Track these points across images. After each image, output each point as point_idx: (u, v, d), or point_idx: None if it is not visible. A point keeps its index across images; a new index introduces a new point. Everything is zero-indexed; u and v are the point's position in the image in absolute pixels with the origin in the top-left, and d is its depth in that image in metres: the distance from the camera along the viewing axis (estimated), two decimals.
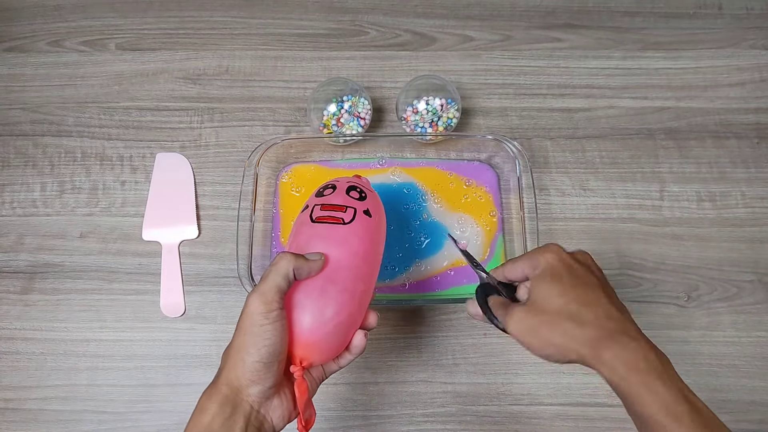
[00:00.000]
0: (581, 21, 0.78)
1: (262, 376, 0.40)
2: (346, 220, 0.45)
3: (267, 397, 0.41)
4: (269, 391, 0.40)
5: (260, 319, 0.39)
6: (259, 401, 0.40)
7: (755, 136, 0.73)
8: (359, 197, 0.48)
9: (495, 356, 0.64)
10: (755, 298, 0.66)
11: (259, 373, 0.39)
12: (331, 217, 0.45)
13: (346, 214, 0.46)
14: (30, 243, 0.68)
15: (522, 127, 0.73)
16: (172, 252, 0.68)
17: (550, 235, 0.68)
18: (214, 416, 0.39)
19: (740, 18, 0.78)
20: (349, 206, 0.46)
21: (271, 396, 0.41)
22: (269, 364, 0.40)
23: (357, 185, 0.50)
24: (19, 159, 0.72)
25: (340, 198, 0.47)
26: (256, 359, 0.39)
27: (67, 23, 0.78)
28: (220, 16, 0.79)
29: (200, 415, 0.39)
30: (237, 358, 0.40)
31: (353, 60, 0.76)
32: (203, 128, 0.73)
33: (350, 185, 0.49)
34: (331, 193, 0.48)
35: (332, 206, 0.46)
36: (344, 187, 0.49)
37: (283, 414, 0.41)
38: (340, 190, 0.48)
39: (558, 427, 0.62)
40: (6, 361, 0.64)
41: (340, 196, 0.48)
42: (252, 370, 0.39)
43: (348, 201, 0.47)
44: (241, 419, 0.39)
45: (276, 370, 0.40)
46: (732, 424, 0.61)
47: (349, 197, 0.47)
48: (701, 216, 0.69)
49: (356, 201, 0.47)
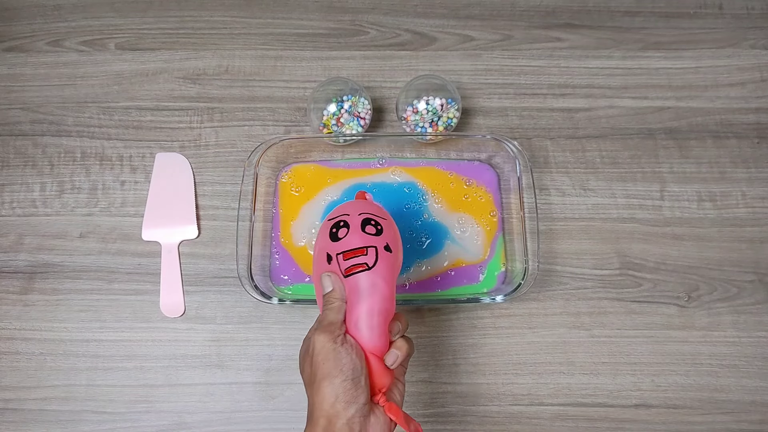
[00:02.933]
0: (581, 21, 0.78)
1: (354, 394, 0.41)
2: (371, 264, 0.44)
3: (364, 416, 0.42)
4: (364, 408, 0.42)
5: (331, 345, 0.42)
6: (358, 422, 0.41)
7: (755, 136, 0.72)
8: (376, 232, 0.45)
9: (495, 356, 0.64)
10: (756, 298, 0.66)
11: (351, 391, 0.41)
12: (356, 265, 0.44)
13: (368, 257, 0.44)
14: (30, 243, 0.68)
15: (522, 127, 0.73)
16: (172, 252, 0.68)
17: (550, 235, 0.68)
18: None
19: (740, 18, 0.78)
20: (369, 246, 0.44)
21: (367, 414, 0.42)
22: (356, 380, 0.42)
23: (370, 217, 0.46)
24: (18, 159, 0.72)
25: (357, 239, 0.45)
26: (343, 379, 0.41)
27: (66, 23, 0.78)
28: (220, 16, 0.78)
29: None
30: (325, 385, 0.42)
31: (353, 60, 0.76)
32: (203, 128, 0.73)
33: (363, 219, 0.46)
34: (347, 234, 0.45)
35: (353, 252, 0.44)
36: (358, 224, 0.45)
37: (383, 430, 0.43)
38: (354, 227, 0.45)
39: (558, 427, 0.62)
40: (6, 361, 0.64)
41: (357, 235, 0.45)
42: (343, 390, 0.41)
43: (366, 240, 0.44)
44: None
45: (363, 386, 0.42)
46: (732, 424, 0.62)
47: (366, 234, 0.44)
48: (701, 216, 0.69)
49: (374, 237, 0.45)
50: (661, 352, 0.64)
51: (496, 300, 0.61)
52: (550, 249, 0.67)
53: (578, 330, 0.65)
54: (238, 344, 0.64)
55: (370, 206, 0.48)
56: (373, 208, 0.48)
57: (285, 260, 0.66)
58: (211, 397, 0.63)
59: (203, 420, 0.62)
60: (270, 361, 0.64)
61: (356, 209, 0.47)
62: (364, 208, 0.47)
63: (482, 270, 0.66)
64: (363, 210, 0.47)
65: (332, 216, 0.48)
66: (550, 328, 0.65)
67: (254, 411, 0.62)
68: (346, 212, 0.47)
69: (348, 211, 0.47)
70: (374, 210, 0.48)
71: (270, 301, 0.61)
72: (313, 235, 0.66)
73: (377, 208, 0.49)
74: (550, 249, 0.67)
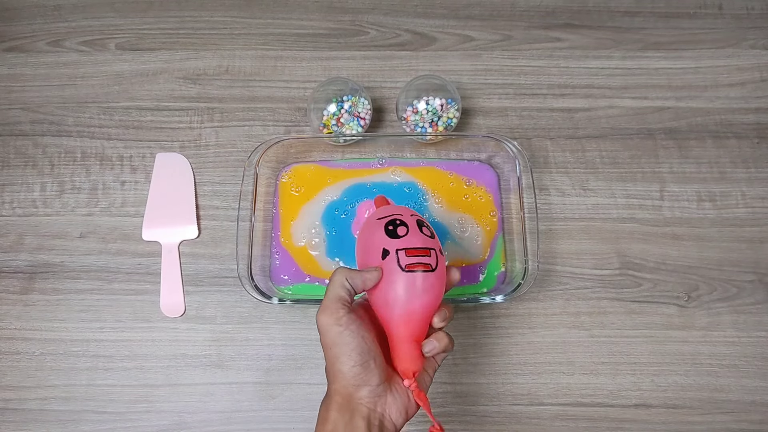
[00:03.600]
0: (581, 21, 0.78)
1: (365, 378, 0.42)
2: (434, 266, 0.44)
3: (378, 395, 0.42)
4: (378, 389, 0.42)
5: (335, 328, 0.42)
6: (373, 400, 0.42)
7: (755, 136, 0.73)
8: (431, 234, 0.45)
9: (495, 356, 0.64)
10: (755, 298, 0.66)
11: (361, 375, 0.42)
12: (422, 264, 0.43)
13: (431, 258, 0.44)
14: (30, 243, 0.68)
15: (522, 127, 0.73)
16: (172, 252, 0.68)
17: (550, 235, 0.68)
18: (336, 423, 0.41)
19: (740, 18, 0.78)
20: (431, 248, 0.44)
21: (382, 393, 0.43)
22: (365, 364, 0.42)
23: (422, 221, 0.46)
24: (18, 159, 0.72)
25: (419, 239, 0.44)
26: (351, 364, 0.41)
27: (67, 23, 0.78)
28: (220, 16, 0.79)
29: (323, 425, 0.42)
30: (335, 370, 0.42)
31: (353, 60, 0.76)
32: (203, 128, 0.73)
33: (417, 220, 0.46)
34: (407, 233, 0.45)
35: (417, 251, 0.44)
36: (414, 224, 0.45)
37: (399, 409, 0.43)
38: (413, 228, 0.45)
39: (558, 427, 0.62)
40: (6, 361, 0.64)
41: (418, 236, 0.45)
42: (353, 375, 0.41)
43: (427, 242, 0.44)
44: (362, 421, 0.41)
45: (375, 368, 0.42)
46: (732, 424, 0.62)
47: (423, 235, 0.45)
48: (701, 216, 0.69)
49: (430, 240, 0.45)
50: (661, 352, 0.64)
51: (496, 300, 0.61)
52: (549, 249, 0.68)
53: (578, 330, 0.65)
54: (238, 344, 0.65)
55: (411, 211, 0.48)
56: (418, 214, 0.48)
57: (285, 260, 0.66)
58: (211, 397, 0.63)
59: (203, 420, 0.62)
60: (270, 361, 0.64)
61: (409, 212, 0.47)
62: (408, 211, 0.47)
63: (482, 270, 0.66)
64: (412, 213, 0.47)
65: (382, 215, 0.47)
66: (550, 328, 0.65)
67: (254, 411, 0.62)
68: (398, 212, 0.47)
69: (402, 212, 0.47)
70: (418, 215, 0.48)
71: (270, 301, 0.61)
72: (312, 235, 0.67)
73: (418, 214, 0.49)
74: (550, 249, 0.68)
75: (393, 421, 0.43)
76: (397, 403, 0.43)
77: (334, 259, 0.66)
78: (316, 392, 0.63)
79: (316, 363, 0.64)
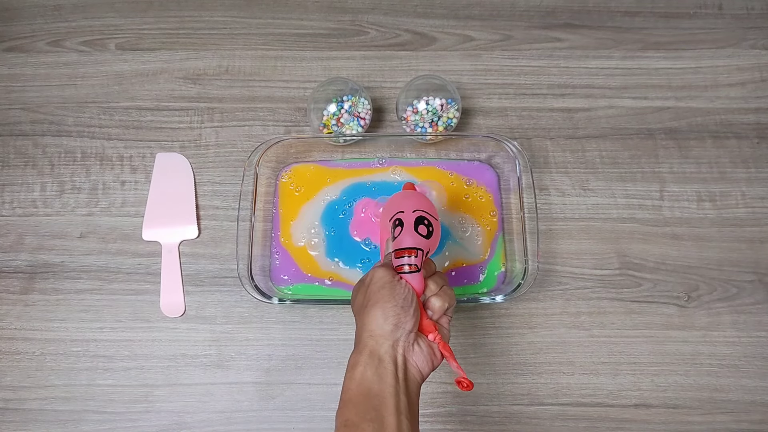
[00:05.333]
0: (581, 21, 0.78)
1: (403, 319, 0.45)
2: (420, 266, 0.48)
3: (409, 343, 0.45)
4: (410, 335, 0.45)
5: (389, 278, 0.47)
6: (402, 346, 0.45)
7: (755, 136, 0.73)
8: (427, 233, 0.48)
9: (495, 356, 0.64)
10: (755, 298, 0.66)
11: (400, 315, 0.45)
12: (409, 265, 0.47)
13: (418, 258, 0.47)
14: (30, 243, 0.68)
15: (522, 127, 0.73)
16: (172, 252, 0.68)
17: (550, 235, 0.68)
18: (366, 366, 0.43)
19: (740, 18, 0.78)
20: (419, 248, 0.48)
21: (412, 342, 0.46)
22: (406, 308, 0.45)
23: (424, 215, 0.49)
24: (19, 159, 0.72)
25: (409, 239, 0.48)
26: (394, 304, 0.45)
27: (67, 23, 0.78)
28: (220, 16, 0.79)
29: (353, 370, 0.44)
30: (377, 308, 0.45)
31: (353, 60, 0.76)
32: (203, 128, 0.73)
33: (417, 217, 0.49)
34: (401, 232, 0.48)
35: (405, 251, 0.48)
36: (412, 222, 0.49)
37: (425, 359, 0.46)
38: (408, 226, 0.48)
39: (558, 427, 0.62)
40: (6, 361, 0.64)
41: (410, 235, 0.48)
42: (393, 313, 0.45)
43: (417, 241, 0.48)
44: (391, 365, 0.44)
45: (412, 314, 0.46)
46: (732, 424, 0.62)
47: (418, 234, 0.48)
48: (701, 216, 0.69)
49: (423, 240, 0.48)
50: (660, 352, 0.64)
51: (496, 300, 0.61)
52: (549, 249, 0.68)
53: (578, 330, 0.65)
54: (238, 344, 0.65)
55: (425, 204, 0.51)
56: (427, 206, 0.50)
57: (285, 260, 0.66)
58: (211, 397, 0.63)
59: (203, 420, 0.62)
60: (270, 361, 0.64)
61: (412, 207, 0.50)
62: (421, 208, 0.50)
63: (482, 270, 0.66)
64: (420, 211, 0.50)
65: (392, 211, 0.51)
66: (550, 328, 0.65)
67: (254, 411, 0.62)
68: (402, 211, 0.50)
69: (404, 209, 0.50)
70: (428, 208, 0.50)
71: (270, 301, 0.61)
72: (312, 235, 0.67)
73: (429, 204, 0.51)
74: (550, 249, 0.68)
75: (419, 368, 0.46)
76: (424, 354, 0.46)
77: (334, 259, 0.66)
78: (316, 392, 0.63)
79: (316, 363, 0.64)
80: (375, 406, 0.42)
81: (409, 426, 0.42)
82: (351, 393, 0.43)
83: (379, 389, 0.42)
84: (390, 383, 0.43)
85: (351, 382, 0.43)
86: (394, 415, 0.42)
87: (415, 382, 0.45)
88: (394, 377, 0.43)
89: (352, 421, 0.41)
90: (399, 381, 0.43)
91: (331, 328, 0.65)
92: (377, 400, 0.42)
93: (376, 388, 0.43)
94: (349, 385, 0.43)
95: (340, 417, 0.43)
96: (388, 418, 0.41)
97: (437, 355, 0.47)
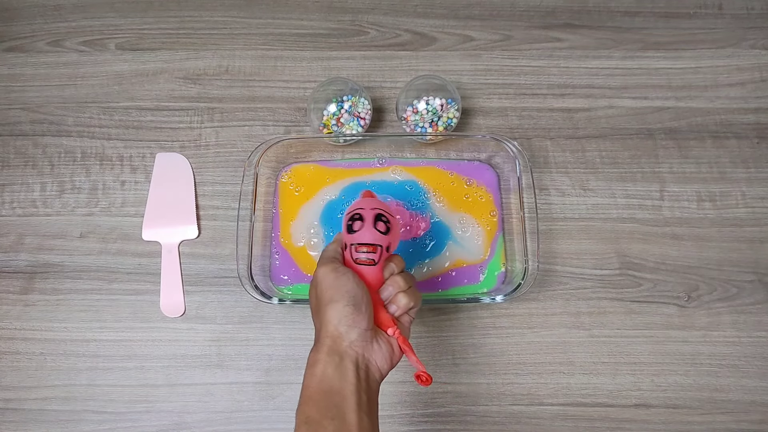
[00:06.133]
0: (581, 21, 0.78)
1: (356, 319, 0.45)
2: (377, 261, 0.49)
3: (366, 341, 0.45)
4: (366, 334, 0.45)
5: (332, 274, 0.47)
6: (361, 345, 0.45)
7: (755, 136, 0.73)
8: (385, 230, 0.50)
9: (495, 356, 0.64)
10: (755, 298, 0.66)
11: (353, 316, 0.45)
12: (367, 259, 0.49)
13: (377, 254, 0.49)
14: (30, 243, 0.68)
15: (522, 127, 0.73)
16: (172, 252, 0.68)
17: (550, 235, 0.68)
18: (326, 365, 0.44)
19: (740, 18, 0.78)
20: (378, 244, 0.49)
21: (369, 340, 0.46)
22: (357, 306, 0.45)
23: (382, 213, 0.50)
24: (19, 159, 0.72)
25: (368, 235, 0.49)
26: (345, 303, 0.45)
27: (67, 23, 0.78)
28: (220, 16, 0.79)
29: (313, 367, 0.44)
30: (329, 309, 0.45)
31: (353, 60, 0.76)
32: (203, 128, 0.73)
33: (376, 214, 0.50)
34: (361, 228, 0.49)
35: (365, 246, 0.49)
36: (371, 218, 0.50)
37: (384, 357, 0.46)
38: (368, 222, 0.49)
39: (558, 427, 0.62)
40: (6, 361, 0.64)
41: (369, 232, 0.49)
42: (345, 314, 0.45)
43: (376, 238, 0.49)
44: (350, 364, 0.44)
45: (365, 311, 0.46)
46: (732, 424, 0.62)
47: (377, 231, 0.49)
48: (701, 216, 0.69)
49: (382, 236, 0.49)
50: (661, 352, 0.64)
51: (496, 300, 0.61)
52: (549, 249, 0.68)
53: (578, 330, 0.65)
54: (238, 344, 0.65)
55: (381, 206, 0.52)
56: (384, 207, 0.52)
57: (285, 260, 0.66)
58: (211, 397, 0.63)
59: (203, 420, 0.62)
60: (270, 361, 0.64)
61: (371, 206, 0.51)
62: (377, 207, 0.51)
63: (482, 270, 0.66)
64: (377, 209, 0.51)
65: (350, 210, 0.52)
66: (550, 328, 0.65)
67: (254, 411, 0.62)
68: (362, 207, 0.51)
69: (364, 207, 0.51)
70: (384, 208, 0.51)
71: (270, 301, 0.61)
72: (312, 235, 0.67)
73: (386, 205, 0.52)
74: (550, 249, 0.68)
75: (378, 367, 0.46)
76: (383, 351, 0.46)
77: None
78: None
79: None
80: (336, 404, 0.42)
81: (370, 424, 0.43)
82: (311, 390, 0.43)
83: (339, 387, 0.43)
84: (351, 381, 0.43)
85: (311, 380, 0.44)
86: (356, 413, 0.42)
87: (374, 381, 0.46)
88: (354, 375, 0.43)
89: (313, 419, 0.42)
90: (360, 379, 0.44)
91: None
92: (338, 398, 0.42)
93: (337, 386, 0.43)
94: (309, 382, 0.44)
95: (300, 414, 0.43)
96: (349, 415, 0.42)
97: (396, 351, 0.47)
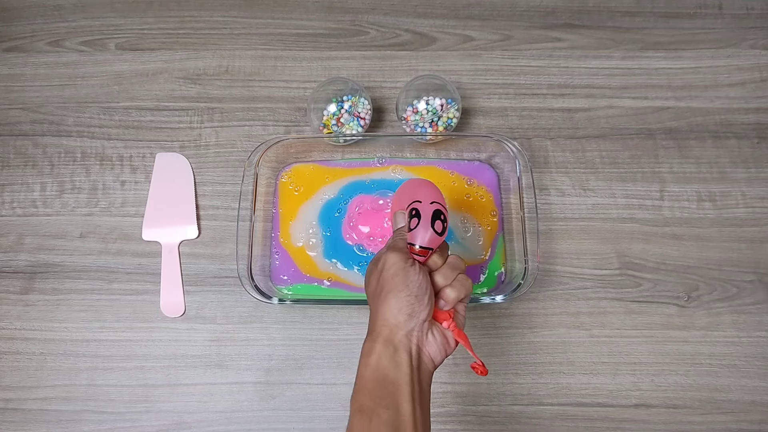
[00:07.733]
0: (581, 21, 0.78)
1: (417, 309, 0.45)
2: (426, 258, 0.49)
3: (423, 332, 0.45)
4: (424, 325, 0.45)
5: (402, 264, 0.46)
6: (417, 336, 0.45)
7: (755, 136, 0.73)
8: (442, 230, 0.48)
9: (495, 356, 0.64)
10: (755, 298, 0.66)
11: (414, 305, 0.44)
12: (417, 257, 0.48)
13: (427, 255, 0.48)
14: (30, 243, 0.68)
15: (522, 127, 0.73)
16: (172, 252, 0.68)
17: (550, 235, 0.68)
18: (381, 355, 0.44)
19: (740, 18, 0.78)
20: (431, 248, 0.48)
21: (426, 331, 0.46)
22: (420, 297, 0.45)
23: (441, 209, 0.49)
24: (19, 159, 0.72)
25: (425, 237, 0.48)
26: (408, 294, 0.45)
27: (67, 23, 0.78)
28: (220, 16, 0.79)
29: (367, 357, 0.44)
30: (391, 297, 0.45)
31: (353, 60, 0.76)
32: (203, 128, 0.73)
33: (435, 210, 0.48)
34: (416, 226, 0.48)
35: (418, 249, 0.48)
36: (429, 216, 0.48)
37: (438, 348, 0.46)
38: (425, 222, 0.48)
39: (558, 427, 0.62)
40: (6, 361, 0.64)
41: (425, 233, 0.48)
42: (407, 303, 0.44)
43: (432, 241, 0.48)
44: (405, 354, 0.44)
45: (426, 304, 0.45)
46: (732, 424, 0.62)
47: (434, 232, 0.48)
48: (701, 216, 0.69)
49: (437, 238, 0.48)
50: (660, 351, 0.64)
51: (496, 300, 0.61)
52: (549, 249, 0.68)
53: (578, 330, 0.65)
54: (238, 344, 0.65)
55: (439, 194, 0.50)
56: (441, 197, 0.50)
57: (285, 260, 0.66)
58: (211, 397, 0.63)
59: (203, 420, 0.62)
60: (270, 361, 0.64)
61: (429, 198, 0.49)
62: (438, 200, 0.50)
63: (483, 270, 0.66)
64: (437, 204, 0.49)
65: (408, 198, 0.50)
66: (550, 328, 0.65)
67: (254, 411, 0.63)
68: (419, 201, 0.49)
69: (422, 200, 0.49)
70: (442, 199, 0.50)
71: (270, 301, 0.61)
72: (310, 235, 0.67)
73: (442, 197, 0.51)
74: (550, 249, 0.68)
75: (432, 357, 0.46)
76: (437, 342, 0.46)
77: (331, 260, 0.66)
78: (316, 392, 0.63)
79: (316, 363, 0.64)
80: (390, 393, 0.42)
81: (422, 415, 0.43)
82: (366, 379, 0.43)
83: (394, 377, 0.43)
84: (405, 371, 0.43)
85: (366, 369, 0.44)
86: (410, 402, 0.42)
87: (427, 371, 0.45)
88: (409, 366, 0.43)
89: (367, 407, 0.42)
90: (414, 369, 0.44)
91: (331, 328, 0.65)
92: (393, 387, 0.43)
93: (392, 376, 0.43)
94: (363, 371, 0.44)
95: (355, 402, 0.43)
96: (403, 405, 0.42)
97: (450, 343, 0.47)
